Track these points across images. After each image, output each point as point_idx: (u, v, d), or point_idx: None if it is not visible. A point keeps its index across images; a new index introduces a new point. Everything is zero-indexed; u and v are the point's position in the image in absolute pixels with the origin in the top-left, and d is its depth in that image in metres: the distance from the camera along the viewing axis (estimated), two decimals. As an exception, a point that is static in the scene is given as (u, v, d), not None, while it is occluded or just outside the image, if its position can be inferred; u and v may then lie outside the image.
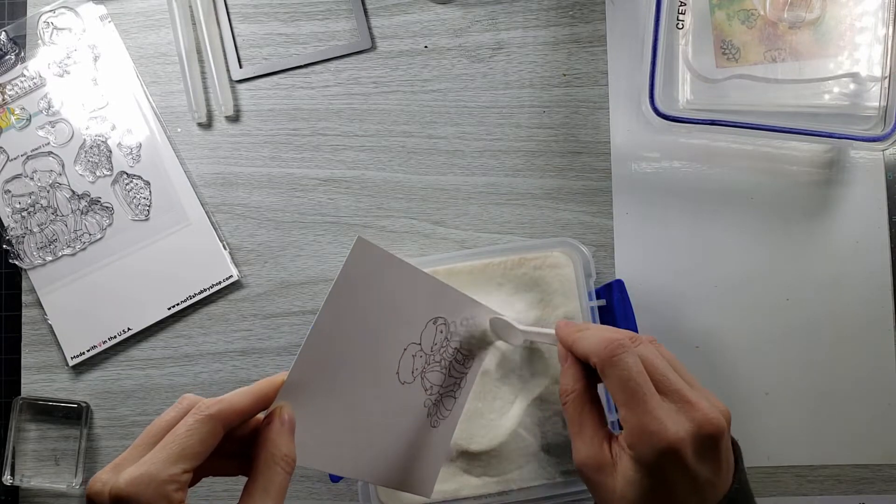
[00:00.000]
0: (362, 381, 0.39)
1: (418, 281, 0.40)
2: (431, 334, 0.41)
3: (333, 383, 0.38)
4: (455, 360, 0.43)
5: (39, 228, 0.58)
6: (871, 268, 0.56)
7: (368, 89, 0.58)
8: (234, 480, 0.56)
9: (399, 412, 0.41)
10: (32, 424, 0.58)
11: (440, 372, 0.43)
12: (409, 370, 0.41)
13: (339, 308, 0.37)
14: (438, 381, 0.43)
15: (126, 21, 0.60)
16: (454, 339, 0.43)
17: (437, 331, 0.41)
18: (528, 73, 0.58)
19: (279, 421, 0.35)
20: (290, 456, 0.34)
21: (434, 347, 0.41)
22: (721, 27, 0.55)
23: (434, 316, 0.41)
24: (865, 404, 0.56)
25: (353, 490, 0.56)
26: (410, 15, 0.59)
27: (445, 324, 0.42)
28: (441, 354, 0.42)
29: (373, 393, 0.40)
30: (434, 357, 0.42)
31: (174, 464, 0.32)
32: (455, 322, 0.42)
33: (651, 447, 0.36)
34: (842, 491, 0.55)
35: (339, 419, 0.39)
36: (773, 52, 0.55)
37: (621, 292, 0.51)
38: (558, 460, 0.51)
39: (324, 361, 0.37)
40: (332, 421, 0.38)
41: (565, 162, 0.58)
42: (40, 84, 0.59)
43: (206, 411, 0.33)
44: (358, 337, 0.38)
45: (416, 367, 0.41)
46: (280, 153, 0.58)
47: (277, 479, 0.34)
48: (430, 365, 0.42)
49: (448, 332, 0.42)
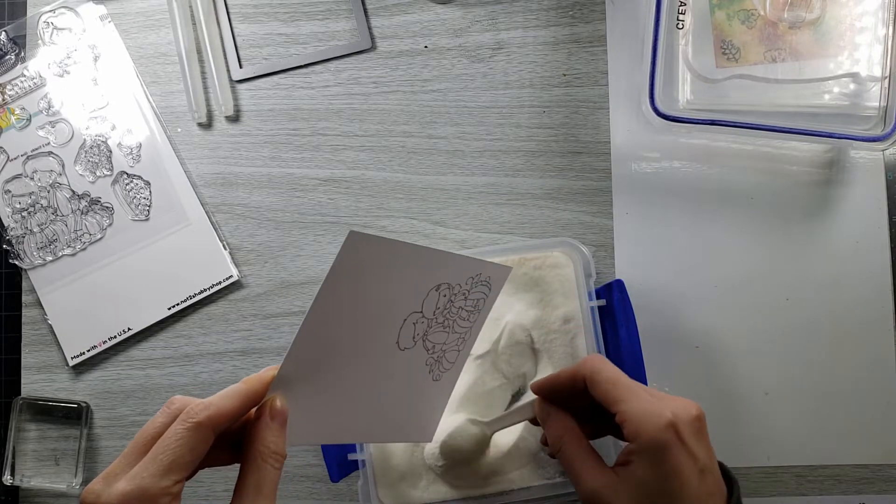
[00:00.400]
0: (359, 360, 0.39)
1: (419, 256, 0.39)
2: (434, 300, 0.41)
3: (328, 368, 0.38)
4: (459, 317, 0.43)
5: (39, 228, 0.58)
6: (871, 268, 0.56)
7: (368, 89, 0.58)
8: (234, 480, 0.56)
9: (398, 376, 0.41)
10: (32, 424, 0.58)
11: (443, 332, 0.42)
12: (409, 337, 0.41)
13: (331, 302, 0.36)
14: (441, 340, 0.42)
15: (126, 21, 0.60)
16: (458, 299, 0.42)
17: (441, 296, 0.41)
18: (528, 73, 0.58)
19: (268, 416, 0.35)
20: (278, 452, 0.35)
21: (437, 311, 0.41)
22: (721, 27, 0.55)
23: (437, 283, 0.40)
24: (865, 404, 0.56)
25: (353, 490, 0.56)
26: (410, 15, 0.59)
27: (449, 287, 0.41)
28: (444, 316, 0.42)
29: (370, 366, 0.40)
30: (437, 320, 0.41)
31: (165, 476, 0.32)
32: (460, 283, 0.41)
33: (655, 426, 0.37)
34: (842, 491, 0.55)
35: (335, 397, 0.39)
36: (773, 52, 0.55)
37: (621, 292, 0.51)
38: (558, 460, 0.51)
39: (317, 350, 0.37)
40: (327, 401, 0.39)
41: (565, 162, 0.58)
42: (40, 84, 0.59)
43: (194, 418, 0.33)
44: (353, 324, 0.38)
45: (418, 332, 0.41)
46: (280, 153, 0.58)
47: (268, 476, 0.34)
48: (432, 328, 0.41)
49: (452, 294, 0.41)
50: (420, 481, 0.50)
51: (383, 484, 0.50)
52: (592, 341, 0.51)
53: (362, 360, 0.39)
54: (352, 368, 0.39)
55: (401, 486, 0.50)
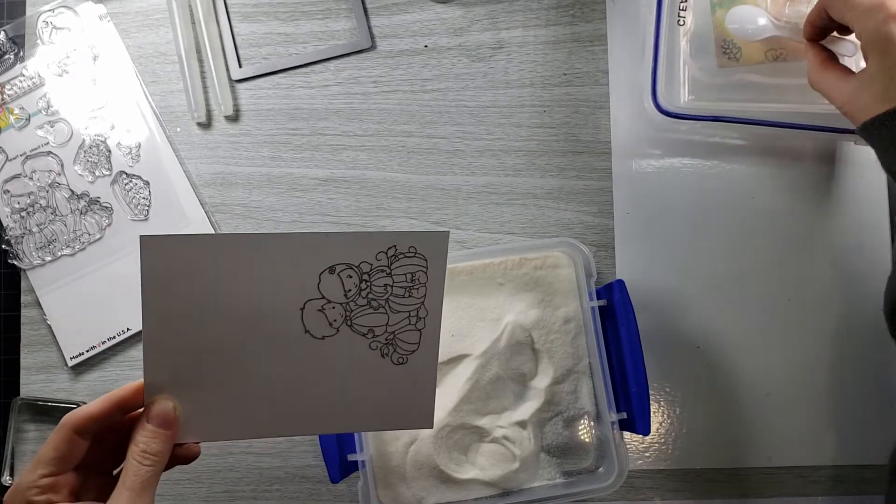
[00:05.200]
0: (257, 354, 0.39)
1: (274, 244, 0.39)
2: (336, 284, 0.40)
3: (216, 366, 0.39)
4: (393, 296, 0.42)
5: (38, 228, 0.58)
6: (873, 267, 0.56)
7: (368, 89, 0.58)
8: (234, 481, 0.56)
9: (336, 365, 0.41)
10: (32, 425, 0.58)
11: (375, 313, 0.42)
12: (323, 324, 0.40)
13: (163, 306, 0.37)
14: (379, 322, 0.42)
15: (125, 20, 0.59)
16: (378, 278, 0.41)
17: (345, 277, 0.40)
18: (529, 72, 0.58)
19: (144, 418, 0.37)
20: (149, 451, 0.37)
21: (350, 294, 0.40)
22: (722, 27, 0.55)
23: (326, 266, 0.40)
24: (867, 405, 0.56)
25: (353, 491, 0.56)
26: (410, 14, 0.58)
27: (353, 268, 0.40)
28: (365, 298, 0.41)
29: (280, 359, 0.40)
30: (356, 302, 0.41)
31: (32, 471, 0.36)
32: (368, 262, 0.40)
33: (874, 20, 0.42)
34: (843, 491, 0.55)
35: (245, 392, 0.40)
36: (774, 51, 0.55)
37: (622, 292, 0.51)
38: (558, 460, 0.51)
39: (185, 354, 0.38)
40: (236, 397, 0.39)
41: (566, 162, 0.57)
42: (39, 84, 0.59)
43: (61, 421, 0.37)
44: (221, 320, 0.38)
45: (333, 318, 0.41)
46: (279, 153, 0.58)
47: (139, 474, 0.36)
48: (352, 312, 0.41)
49: (362, 274, 0.41)
50: (420, 482, 0.50)
51: (383, 485, 0.50)
52: (593, 341, 0.51)
53: (263, 354, 0.40)
54: (253, 363, 0.39)
55: (400, 486, 0.50)
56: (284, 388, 0.40)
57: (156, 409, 0.37)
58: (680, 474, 0.56)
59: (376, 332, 0.42)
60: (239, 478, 0.56)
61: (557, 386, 0.52)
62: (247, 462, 0.56)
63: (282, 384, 0.40)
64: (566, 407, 0.52)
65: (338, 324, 0.41)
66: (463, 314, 0.52)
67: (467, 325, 0.52)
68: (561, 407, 0.52)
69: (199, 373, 0.39)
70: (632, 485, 0.56)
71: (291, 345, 0.40)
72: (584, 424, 0.52)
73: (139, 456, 0.37)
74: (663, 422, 0.56)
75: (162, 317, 0.37)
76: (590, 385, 0.52)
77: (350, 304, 0.41)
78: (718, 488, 0.56)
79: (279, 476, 0.56)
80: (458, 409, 0.50)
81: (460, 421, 0.51)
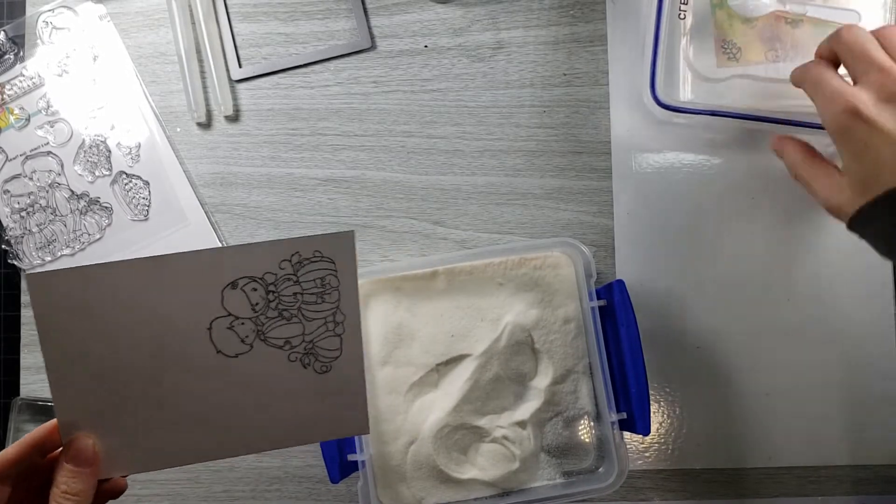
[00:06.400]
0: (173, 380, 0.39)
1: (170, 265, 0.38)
2: (241, 299, 0.39)
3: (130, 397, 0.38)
4: (304, 304, 0.40)
5: (38, 228, 0.58)
6: (872, 267, 0.56)
7: (368, 89, 0.58)
8: (234, 481, 0.56)
9: (257, 381, 0.40)
10: (31, 425, 0.58)
11: (289, 324, 0.40)
12: (234, 342, 0.39)
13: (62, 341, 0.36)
14: (294, 333, 0.40)
15: (125, 20, 0.59)
16: (285, 287, 0.39)
17: (249, 291, 0.39)
18: (529, 72, 0.58)
19: (62, 458, 0.37)
20: (69, 491, 0.36)
21: (258, 308, 0.39)
22: (722, 26, 0.55)
23: (227, 282, 0.38)
24: (866, 405, 0.56)
25: (353, 491, 0.56)
26: (410, 14, 0.58)
27: (256, 280, 0.39)
28: (276, 309, 0.40)
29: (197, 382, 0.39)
30: (266, 315, 0.39)
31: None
32: (272, 273, 0.39)
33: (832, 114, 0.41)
34: (843, 492, 0.55)
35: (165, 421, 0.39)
36: (774, 51, 0.55)
37: (622, 292, 0.51)
38: (558, 460, 0.51)
39: (95, 388, 0.37)
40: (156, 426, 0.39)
41: (566, 162, 0.57)
42: (39, 84, 0.59)
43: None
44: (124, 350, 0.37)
45: (244, 335, 0.39)
46: (279, 153, 0.58)
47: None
48: (264, 325, 0.40)
49: (267, 285, 0.39)
50: (420, 482, 0.50)
51: (383, 485, 0.50)
52: (593, 341, 0.51)
53: (178, 380, 0.39)
54: (170, 390, 0.39)
55: (401, 487, 0.50)
56: (207, 412, 0.39)
57: (73, 447, 0.37)
58: (680, 474, 0.56)
59: (293, 342, 0.40)
60: (238, 478, 0.56)
61: (557, 386, 0.52)
62: (246, 462, 0.56)
63: (203, 408, 0.39)
64: (566, 407, 0.52)
65: (250, 339, 0.40)
66: (462, 314, 0.52)
67: (467, 325, 0.52)
68: (561, 407, 0.52)
69: (115, 405, 0.38)
70: (632, 485, 0.56)
71: (206, 367, 0.39)
72: (584, 424, 0.52)
73: (60, 497, 0.36)
74: (663, 422, 0.56)
75: (64, 354, 0.37)
76: (590, 385, 0.52)
77: (260, 318, 0.39)
78: (718, 488, 0.56)
79: (279, 476, 0.56)
80: (457, 409, 0.50)
81: (460, 421, 0.51)
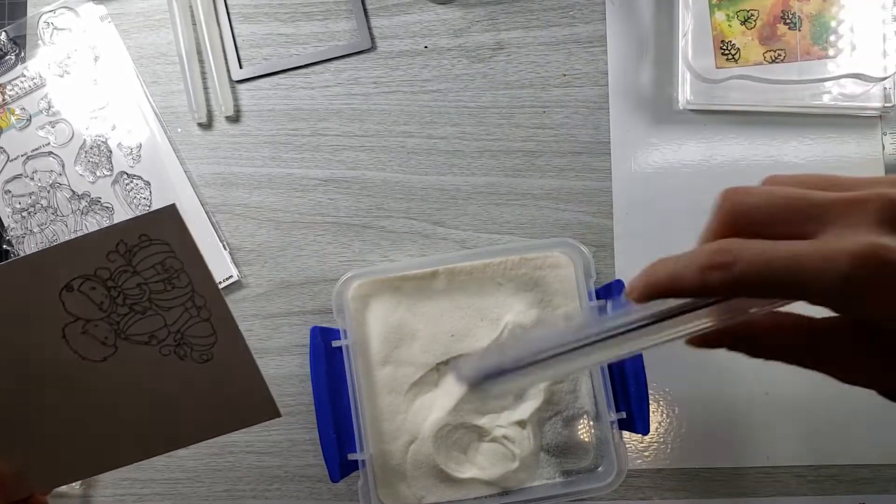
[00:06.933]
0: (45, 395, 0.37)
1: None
2: (82, 301, 0.36)
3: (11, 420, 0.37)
4: (154, 294, 0.37)
5: (40, 229, 0.58)
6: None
7: (368, 89, 0.58)
8: (235, 480, 0.56)
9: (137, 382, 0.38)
10: None
11: (145, 318, 0.37)
12: (95, 346, 0.37)
13: None
14: (156, 325, 0.37)
15: (126, 21, 0.60)
16: (126, 280, 0.36)
17: (88, 290, 0.36)
18: (528, 73, 0.58)
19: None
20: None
21: (104, 306, 0.36)
22: (721, 27, 0.55)
23: (61, 286, 0.36)
24: (865, 404, 0.56)
25: (354, 490, 0.56)
26: (410, 15, 0.59)
27: (90, 278, 0.36)
28: (125, 305, 0.37)
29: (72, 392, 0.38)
30: (117, 312, 0.37)
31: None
32: (105, 268, 0.36)
33: None
34: (841, 491, 0.55)
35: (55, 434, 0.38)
36: (773, 52, 0.55)
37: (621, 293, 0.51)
38: (558, 459, 0.52)
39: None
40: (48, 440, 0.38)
41: (565, 162, 0.58)
42: (40, 84, 0.59)
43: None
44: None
45: (103, 336, 0.37)
46: (280, 153, 0.59)
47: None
48: (120, 324, 0.37)
49: (105, 281, 0.36)
50: (420, 482, 0.50)
51: (383, 484, 0.51)
52: (592, 341, 0.51)
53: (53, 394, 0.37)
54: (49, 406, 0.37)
55: (401, 486, 0.51)
56: (95, 421, 0.38)
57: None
58: (679, 473, 0.56)
59: (159, 336, 0.38)
60: (239, 477, 0.57)
61: (557, 385, 0.52)
62: (247, 461, 0.57)
63: (89, 417, 0.38)
64: (565, 406, 0.52)
65: (111, 341, 0.37)
66: (462, 314, 0.52)
67: (467, 324, 0.52)
68: (560, 406, 0.52)
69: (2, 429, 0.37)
70: (631, 484, 0.56)
71: (77, 375, 0.37)
72: (583, 424, 0.52)
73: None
74: (662, 421, 0.56)
75: None
76: (589, 384, 0.52)
77: (112, 317, 0.37)
78: (717, 487, 0.56)
79: (279, 475, 0.57)
80: (457, 409, 0.51)
81: (460, 420, 0.51)
